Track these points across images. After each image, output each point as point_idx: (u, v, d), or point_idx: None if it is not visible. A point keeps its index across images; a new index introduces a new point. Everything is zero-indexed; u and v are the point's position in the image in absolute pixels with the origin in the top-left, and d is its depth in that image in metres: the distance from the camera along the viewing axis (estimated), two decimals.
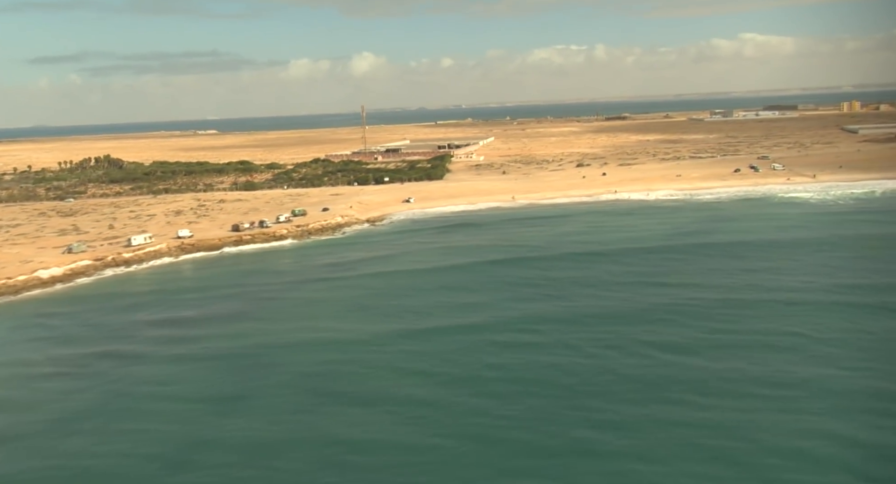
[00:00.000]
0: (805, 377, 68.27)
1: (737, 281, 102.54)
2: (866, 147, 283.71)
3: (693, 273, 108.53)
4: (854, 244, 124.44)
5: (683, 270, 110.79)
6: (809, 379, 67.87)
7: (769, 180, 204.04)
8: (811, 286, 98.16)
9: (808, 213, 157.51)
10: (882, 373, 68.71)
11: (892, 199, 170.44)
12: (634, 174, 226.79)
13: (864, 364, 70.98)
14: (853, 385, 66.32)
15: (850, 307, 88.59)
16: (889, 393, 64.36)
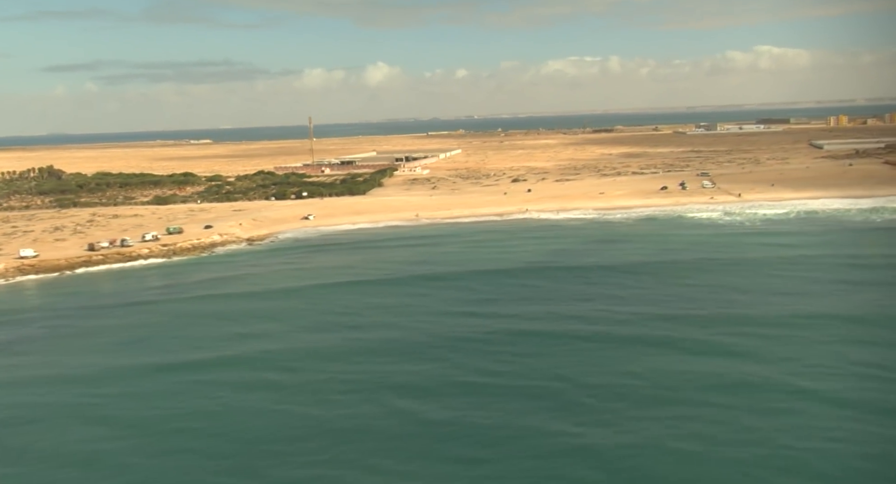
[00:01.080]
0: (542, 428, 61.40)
1: (554, 309, 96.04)
2: (818, 163, 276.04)
3: (516, 300, 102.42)
4: (716, 269, 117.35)
5: (512, 295, 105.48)
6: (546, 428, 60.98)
7: (691, 199, 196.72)
8: (612, 316, 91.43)
9: (703, 234, 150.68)
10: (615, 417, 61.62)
11: (802, 220, 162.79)
12: (560, 191, 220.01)
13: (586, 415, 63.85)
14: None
15: (630, 344, 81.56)
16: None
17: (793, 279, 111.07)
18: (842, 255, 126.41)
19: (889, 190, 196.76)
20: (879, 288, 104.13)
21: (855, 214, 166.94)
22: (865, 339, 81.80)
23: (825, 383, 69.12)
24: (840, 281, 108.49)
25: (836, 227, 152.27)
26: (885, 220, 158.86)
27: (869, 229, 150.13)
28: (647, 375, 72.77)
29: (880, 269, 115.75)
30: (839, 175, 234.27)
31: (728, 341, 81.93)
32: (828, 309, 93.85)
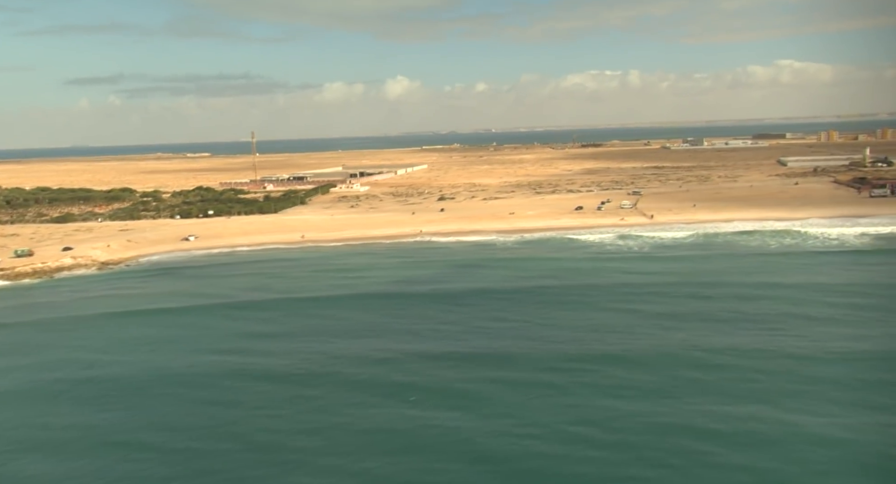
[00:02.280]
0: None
1: (322, 347, 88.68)
2: (766, 181, 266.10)
3: (305, 333, 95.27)
4: (545, 297, 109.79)
5: (306, 328, 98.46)
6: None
7: (599, 221, 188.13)
8: (369, 354, 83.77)
9: (571, 259, 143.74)
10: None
11: (693, 245, 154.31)
12: (475, 211, 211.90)
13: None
14: None
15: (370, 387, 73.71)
16: None
17: (618, 313, 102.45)
18: (694, 282, 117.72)
19: (811, 211, 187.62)
20: (688, 323, 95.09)
21: (755, 238, 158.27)
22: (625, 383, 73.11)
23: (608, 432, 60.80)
24: (661, 315, 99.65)
25: (721, 253, 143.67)
26: (782, 245, 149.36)
27: (754, 255, 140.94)
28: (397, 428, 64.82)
29: (713, 300, 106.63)
30: (775, 195, 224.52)
31: (489, 384, 73.70)
32: (616, 348, 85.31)
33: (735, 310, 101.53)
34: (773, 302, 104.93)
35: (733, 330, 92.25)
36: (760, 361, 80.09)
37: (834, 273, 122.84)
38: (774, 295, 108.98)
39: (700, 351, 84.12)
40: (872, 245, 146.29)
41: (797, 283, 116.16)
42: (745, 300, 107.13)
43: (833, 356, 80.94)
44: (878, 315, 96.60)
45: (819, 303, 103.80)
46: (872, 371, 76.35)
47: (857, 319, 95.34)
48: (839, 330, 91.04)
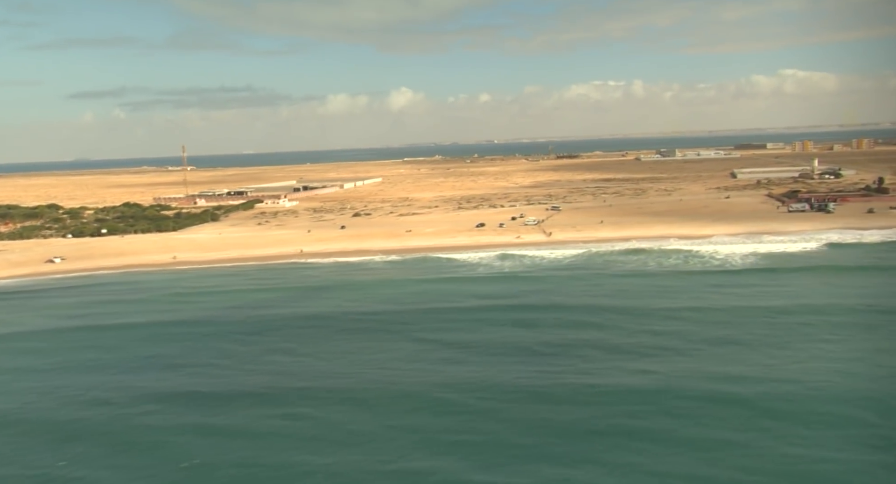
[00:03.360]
0: None
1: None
2: (701, 195, 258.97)
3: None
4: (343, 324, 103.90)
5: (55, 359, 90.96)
6: None
7: (493, 238, 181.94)
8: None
9: (431, 280, 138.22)
10: None
11: (573, 265, 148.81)
12: (373, 229, 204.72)
13: None
14: None
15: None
16: None
17: (412, 342, 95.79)
18: (528, 306, 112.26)
19: (721, 227, 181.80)
20: (475, 356, 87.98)
21: (640, 257, 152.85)
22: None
23: None
24: (452, 344, 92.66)
25: (591, 273, 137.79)
26: (660, 265, 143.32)
27: (620, 276, 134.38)
28: None
29: (530, 328, 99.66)
30: (696, 210, 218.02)
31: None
32: (351, 383, 78.40)
33: (537, 340, 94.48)
34: (593, 329, 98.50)
35: (512, 364, 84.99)
36: (506, 403, 72.81)
37: (680, 296, 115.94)
38: (599, 321, 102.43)
39: (453, 391, 76.74)
40: (751, 265, 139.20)
41: (632, 307, 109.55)
42: (565, 328, 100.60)
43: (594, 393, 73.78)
44: (666, 341, 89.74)
45: (635, 331, 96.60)
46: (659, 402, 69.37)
47: (655, 347, 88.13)
48: (631, 364, 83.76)
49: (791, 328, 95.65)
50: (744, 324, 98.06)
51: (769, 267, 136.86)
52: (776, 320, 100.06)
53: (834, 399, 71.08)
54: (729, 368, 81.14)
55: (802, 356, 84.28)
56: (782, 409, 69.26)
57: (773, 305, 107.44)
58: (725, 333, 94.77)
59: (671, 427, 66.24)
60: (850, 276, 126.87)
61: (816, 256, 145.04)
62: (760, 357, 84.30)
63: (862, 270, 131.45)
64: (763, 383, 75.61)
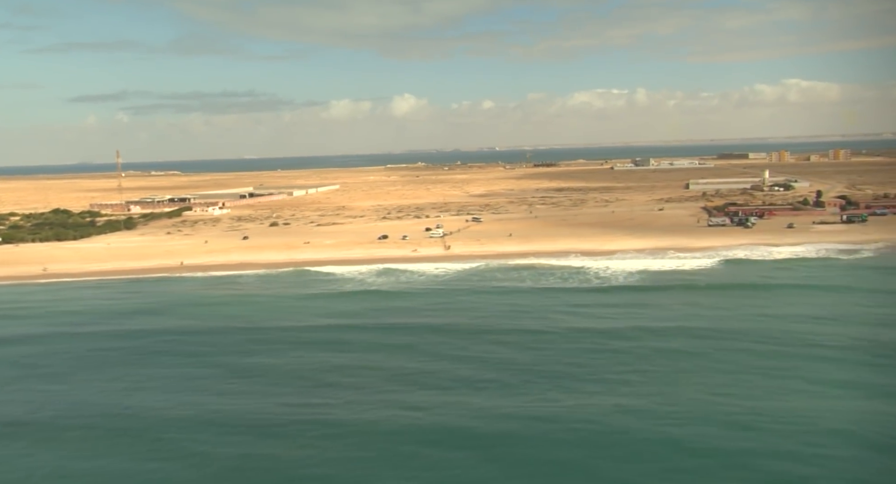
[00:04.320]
0: None
1: None
2: (636, 207, 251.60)
3: None
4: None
5: None
6: None
7: (386, 251, 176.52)
8: None
9: (286, 296, 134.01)
10: None
11: (448, 280, 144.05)
12: (277, 240, 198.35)
13: None
14: None
15: None
16: None
17: (196, 367, 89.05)
18: (342, 327, 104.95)
19: (633, 242, 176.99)
20: (254, 378, 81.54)
21: (522, 274, 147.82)
22: None
23: None
24: (239, 369, 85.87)
25: (459, 289, 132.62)
26: (534, 284, 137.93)
27: (483, 292, 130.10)
28: None
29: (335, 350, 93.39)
30: (620, 222, 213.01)
31: None
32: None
33: (334, 364, 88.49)
34: (399, 353, 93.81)
35: (284, 394, 78.63)
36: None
37: (522, 317, 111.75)
38: (414, 343, 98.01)
39: (194, 427, 69.97)
40: (629, 283, 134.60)
41: (464, 327, 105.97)
42: (372, 350, 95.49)
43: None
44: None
45: (442, 355, 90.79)
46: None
47: (451, 378, 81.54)
48: (401, 397, 77.05)
49: (601, 353, 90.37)
50: (553, 349, 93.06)
51: (645, 285, 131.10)
52: (596, 344, 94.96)
53: (586, 442, 64.23)
54: (501, 401, 74.43)
55: (574, 386, 77.82)
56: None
57: (608, 328, 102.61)
58: (527, 357, 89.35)
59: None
60: (718, 295, 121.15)
61: (702, 274, 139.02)
62: (538, 388, 77.79)
63: (735, 288, 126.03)
64: (513, 421, 68.84)
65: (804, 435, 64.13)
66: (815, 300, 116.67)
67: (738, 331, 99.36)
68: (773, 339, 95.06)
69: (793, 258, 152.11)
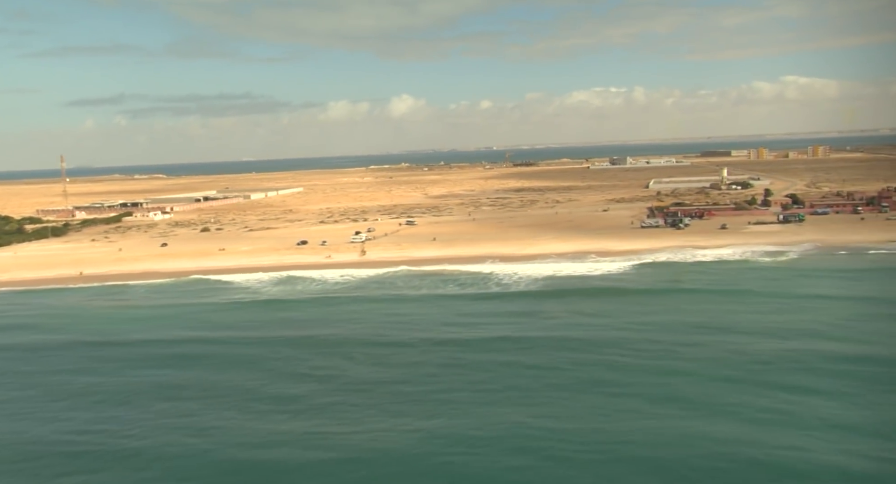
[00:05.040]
0: None
1: None
2: (581, 209, 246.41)
3: None
4: None
5: None
6: None
7: (303, 258, 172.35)
8: None
9: (163, 305, 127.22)
10: None
11: (338, 289, 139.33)
12: (198, 247, 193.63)
13: None
14: None
15: None
16: None
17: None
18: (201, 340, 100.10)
19: (561, 245, 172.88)
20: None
21: (424, 281, 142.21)
22: None
23: None
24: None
25: (344, 299, 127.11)
26: (431, 292, 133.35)
27: (365, 301, 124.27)
28: None
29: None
30: (556, 224, 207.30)
31: None
32: None
33: (163, 382, 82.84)
34: (244, 367, 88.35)
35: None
36: None
37: (392, 327, 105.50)
38: (259, 355, 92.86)
39: None
40: (531, 289, 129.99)
41: (322, 338, 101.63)
42: (208, 368, 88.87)
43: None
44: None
45: (279, 372, 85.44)
46: None
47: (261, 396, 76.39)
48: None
49: (447, 367, 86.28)
50: (401, 363, 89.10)
51: (543, 291, 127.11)
52: (449, 357, 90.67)
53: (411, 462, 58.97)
54: (292, 425, 69.07)
55: (392, 408, 72.49)
56: None
57: (474, 338, 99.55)
58: (368, 373, 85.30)
59: None
60: (613, 301, 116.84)
61: (611, 279, 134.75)
62: (350, 410, 72.59)
63: (633, 294, 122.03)
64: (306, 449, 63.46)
65: (594, 464, 58.68)
66: (709, 306, 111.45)
67: (607, 341, 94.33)
68: (638, 350, 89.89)
69: (712, 261, 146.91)
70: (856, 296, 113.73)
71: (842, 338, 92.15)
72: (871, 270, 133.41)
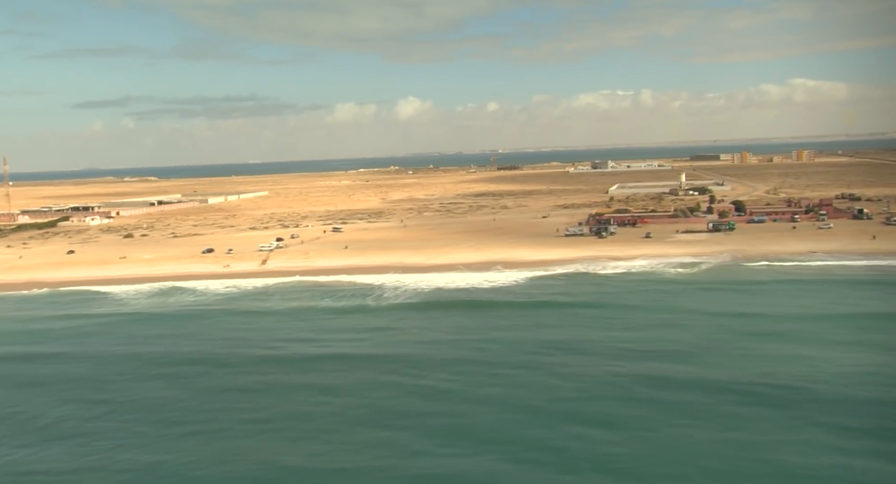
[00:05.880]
0: None
1: None
2: (524, 215, 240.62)
3: None
4: None
5: None
6: None
7: (201, 267, 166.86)
8: None
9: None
10: None
11: (213, 303, 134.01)
12: (104, 254, 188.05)
13: None
14: None
15: None
16: None
17: None
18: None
19: (474, 254, 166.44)
20: None
21: (271, 297, 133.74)
22: None
23: None
24: None
25: (209, 312, 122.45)
26: (263, 308, 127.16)
27: (228, 313, 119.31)
28: None
29: None
30: (484, 231, 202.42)
31: None
32: None
33: None
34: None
35: None
36: None
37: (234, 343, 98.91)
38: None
39: None
40: (370, 306, 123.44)
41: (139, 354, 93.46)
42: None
43: None
44: None
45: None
46: None
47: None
48: None
49: (231, 392, 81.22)
50: (200, 384, 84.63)
51: (418, 304, 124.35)
52: (248, 380, 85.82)
53: None
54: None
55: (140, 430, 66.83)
56: None
57: (296, 355, 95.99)
58: (155, 394, 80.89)
59: None
60: (477, 316, 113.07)
61: (502, 292, 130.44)
62: (88, 437, 66.67)
63: (504, 307, 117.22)
64: None
65: None
66: (574, 322, 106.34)
67: (435, 361, 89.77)
68: (458, 374, 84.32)
69: (618, 273, 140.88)
70: (736, 312, 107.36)
71: (690, 360, 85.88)
72: (773, 282, 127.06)
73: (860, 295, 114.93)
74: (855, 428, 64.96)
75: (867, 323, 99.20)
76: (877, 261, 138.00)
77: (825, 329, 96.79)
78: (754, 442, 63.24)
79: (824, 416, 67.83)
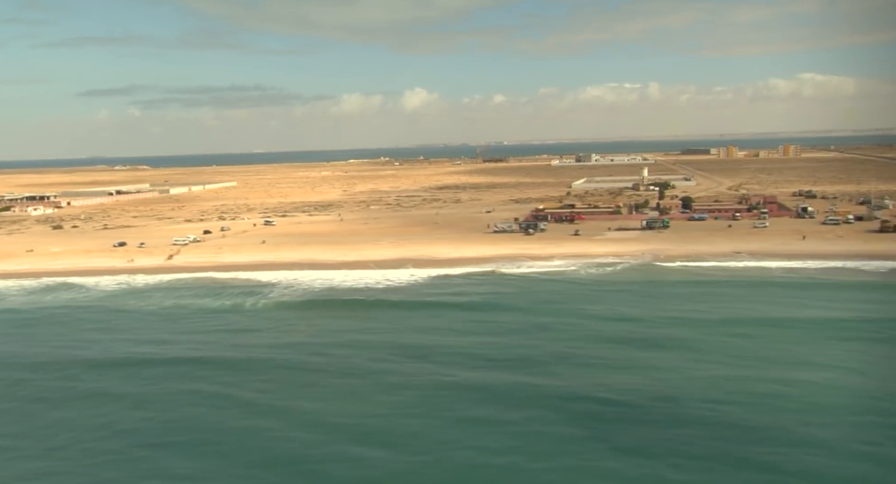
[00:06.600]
0: None
1: None
2: (468, 210, 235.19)
3: None
4: None
5: None
6: None
7: (104, 261, 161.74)
8: None
9: None
10: None
11: (104, 297, 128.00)
12: (16, 246, 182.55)
13: None
14: None
15: None
16: None
17: None
18: None
19: (391, 251, 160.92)
20: None
21: (186, 288, 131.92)
22: None
23: None
24: None
25: (85, 309, 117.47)
26: (177, 305, 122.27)
27: (107, 311, 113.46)
28: None
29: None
30: (415, 226, 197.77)
31: None
32: None
33: None
34: None
35: None
36: None
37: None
38: None
39: None
40: (244, 305, 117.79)
41: None
42: None
43: None
44: None
45: None
46: None
47: None
48: None
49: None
50: None
51: (297, 302, 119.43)
52: (56, 385, 78.61)
53: None
54: None
55: None
56: None
57: (117, 360, 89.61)
58: None
59: None
60: (346, 315, 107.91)
61: (388, 291, 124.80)
62: None
63: (380, 308, 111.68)
64: None
65: None
66: (439, 324, 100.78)
67: (268, 363, 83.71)
68: (275, 381, 78.70)
69: (527, 273, 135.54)
70: (622, 316, 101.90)
71: (538, 369, 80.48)
72: (681, 284, 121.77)
73: (760, 298, 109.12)
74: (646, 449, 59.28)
75: (750, 329, 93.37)
76: (795, 262, 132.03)
77: (699, 335, 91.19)
78: (547, 467, 57.71)
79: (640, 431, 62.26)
